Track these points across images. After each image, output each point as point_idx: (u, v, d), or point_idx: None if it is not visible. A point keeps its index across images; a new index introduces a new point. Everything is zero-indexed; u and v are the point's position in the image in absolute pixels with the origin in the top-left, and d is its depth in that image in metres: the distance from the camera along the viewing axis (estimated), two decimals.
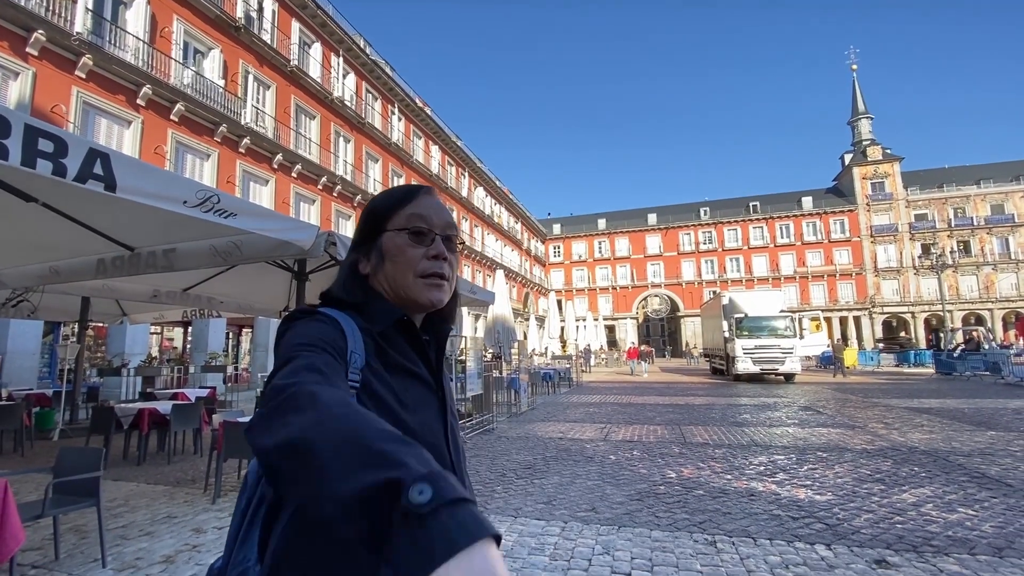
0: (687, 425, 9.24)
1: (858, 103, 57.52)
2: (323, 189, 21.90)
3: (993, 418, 9.38)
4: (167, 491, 5.19)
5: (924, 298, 49.02)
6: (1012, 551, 3.42)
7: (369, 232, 0.89)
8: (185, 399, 8.07)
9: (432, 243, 0.87)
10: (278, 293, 8.13)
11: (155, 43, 15.04)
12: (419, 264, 0.85)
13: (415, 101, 30.64)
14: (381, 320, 0.83)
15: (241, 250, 4.34)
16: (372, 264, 0.88)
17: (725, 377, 21.94)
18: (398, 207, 0.89)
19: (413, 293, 0.85)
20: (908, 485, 5.07)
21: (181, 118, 15.57)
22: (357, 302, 0.84)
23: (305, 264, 6.44)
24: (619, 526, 4.06)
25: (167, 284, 7.12)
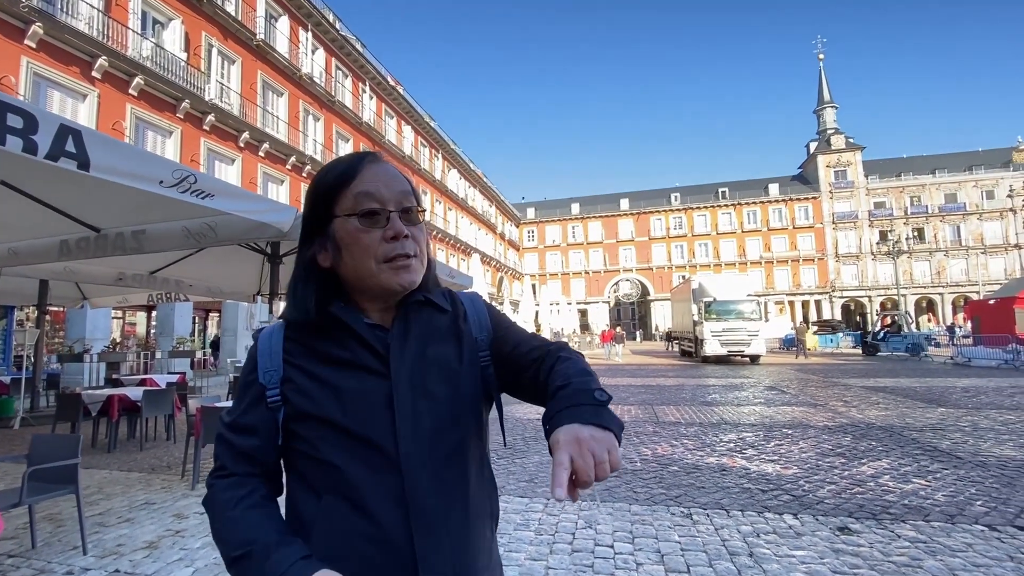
0: (659, 405, 9.53)
1: (824, 92, 59.03)
2: (292, 169, 21.30)
3: (943, 396, 9.98)
4: (142, 478, 5.09)
5: (881, 283, 51.31)
6: (963, 518, 3.70)
7: (318, 219, 0.81)
8: (154, 385, 7.86)
9: (388, 222, 0.78)
10: (250, 276, 7.94)
11: (111, 12, 14.21)
12: (378, 249, 0.78)
13: (387, 80, 29.92)
14: (316, 321, 0.81)
15: (216, 232, 4.21)
16: (332, 256, 0.81)
17: (694, 359, 22.59)
18: (342, 187, 0.79)
19: (380, 281, 0.79)
20: (867, 458, 5.39)
21: (140, 92, 14.83)
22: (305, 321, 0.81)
23: (279, 247, 6.32)
24: (600, 501, 4.20)
25: (133, 267, 6.86)
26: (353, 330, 0.80)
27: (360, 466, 0.74)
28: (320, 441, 0.76)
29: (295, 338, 0.82)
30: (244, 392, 0.82)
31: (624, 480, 4.79)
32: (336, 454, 0.75)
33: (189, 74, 16.36)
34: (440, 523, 0.74)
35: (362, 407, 0.76)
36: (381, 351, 0.79)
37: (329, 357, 0.79)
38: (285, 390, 0.79)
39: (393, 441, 0.75)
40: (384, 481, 0.74)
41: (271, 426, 0.79)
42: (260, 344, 0.83)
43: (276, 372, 0.80)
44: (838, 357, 23.38)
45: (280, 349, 0.81)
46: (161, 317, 16.01)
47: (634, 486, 4.61)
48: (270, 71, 20.46)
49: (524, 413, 8.71)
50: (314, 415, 0.76)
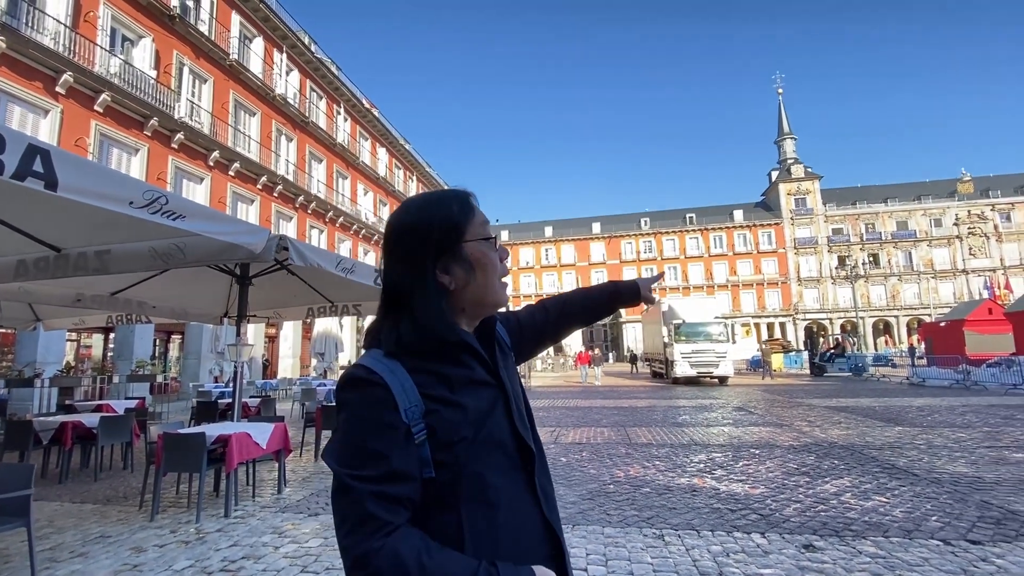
0: (632, 427, 9.61)
1: (783, 124, 61.99)
2: (263, 189, 21.01)
3: (900, 415, 10.38)
4: (97, 510, 4.83)
5: (840, 306, 53.32)
6: (919, 533, 3.85)
7: (447, 245, 0.87)
8: (111, 411, 7.51)
9: (498, 247, 0.93)
10: (217, 297, 7.76)
11: (78, 28, 13.97)
12: (501, 269, 0.92)
13: (362, 102, 30.05)
14: (439, 348, 0.84)
15: (184, 252, 4.14)
16: (460, 278, 0.87)
17: (664, 380, 22.88)
18: (471, 216, 0.90)
19: (499, 297, 0.92)
20: (830, 477, 5.56)
21: (107, 109, 14.50)
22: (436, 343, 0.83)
23: (248, 268, 6.22)
24: (573, 525, 4.21)
25: (93, 287, 6.61)
26: (473, 349, 0.88)
27: (495, 471, 0.82)
28: (461, 459, 0.80)
29: (419, 368, 0.82)
30: (383, 436, 0.77)
31: (597, 503, 4.81)
32: (475, 466, 0.80)
33: (158, 92, 16.11)
34: (554, 502, 0.91)
35: (492, 418, 0.85)
36: (493, 366, 0.90)
37: (460, 379, 0.84)
38: (429, 422, 0.79)
39: (515, 443, 0.86)
40: (516, 478, 0.85)
41: (421, 464, 0.78)
42: (388, 381, 0.79)
43: (418, 407, 0.79)
44: (801, 378, 24.06)
45: (411, 383, 0.80)
46: (120, 339, 15.35)
47: (607, 508, 4.64)
48: (243, 91, 20.32)
49: None
50: (457, 438, 0.80)
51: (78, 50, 13.76)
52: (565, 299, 1.25)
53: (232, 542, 3.92)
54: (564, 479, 5.74)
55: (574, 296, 1.27)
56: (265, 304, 7.74)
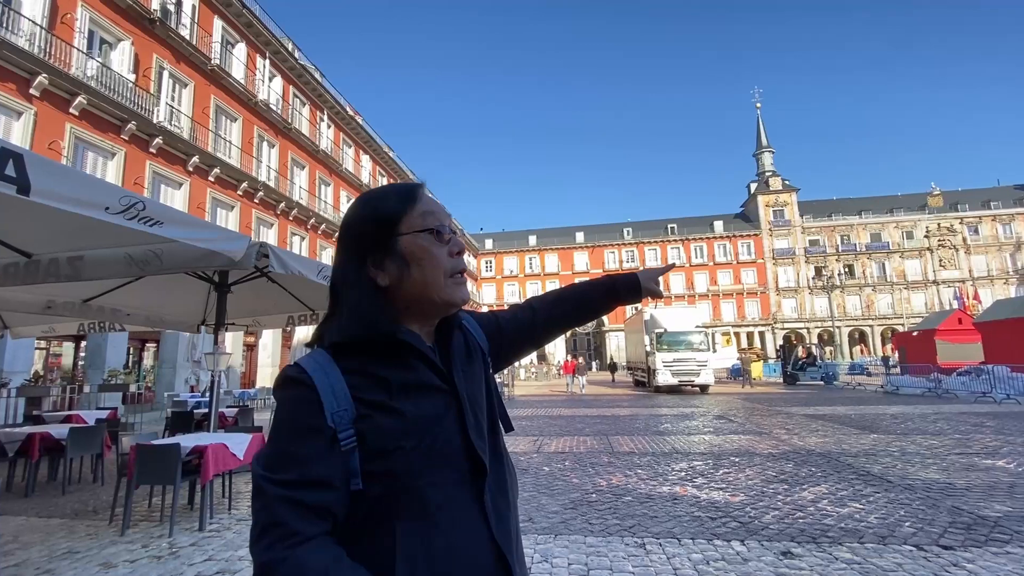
0: (614, 435, 9.65)
1: (762, 137, 63.46)
2: (243, 195, 20.74)
3: (875, 423, 10.60)
4: (65, 524, 4.66)
5: (817, 315, 54.42)
6: (893, 539, 3.93)
7: (380, 239, 0.82)
8: (81, 421, 7.29)
9: (450, 240, 0.84)
10: (195, 305, 7.61)
11: (55, 29, 13.69)
12: (447, 263, 0.83)
13: (346, 109, 29.93)
14: (378, 347, 0.79)
15: (161, 259, 4.07)
16: (393, 274, 0.82)
17: (647, 389, 23.04)
18: (407, 207, 0.84)
19: (447, 294, 0.83)
20: (807, 484, 5.64)
21: (82, 112, 14.21)
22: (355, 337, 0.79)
23: (227, 275, 6.12)
24: (555, 534, 4.20)
25: (65, 294, 6.44)
26: (419, 351, 0.81)
27: (438, 485, 0.75)
28: (398, 471, 0.73)
29: (355, 370, 0.77)
30: (304, 440, 0.72)
31: (580, 512, 4.81)
32: (415, 480, 0.74)
33: (137, 95, 15.84)
34: (508, 520, 0.81)
35: (437, 427, 0.78)
36: (443, 370, 0.83)
37: (401, 384, 0.78)
38: (360, 428, 0.74)
39: (465, 454, 0.78)
40: (461, 494, 0.77)
41: (346, 472, 0.73)
42: (317, 382, 0.74)
43: (347, 411, 0.74)
44: (779, 387, 24.44)
45: (344, 385, 0.75)
46: (91, 348, 14.92)
47: (589, 517, 4.64)
48: (224, 96, 20.10)
49: None
50: (394, 447, 0.74)
51: (54, 52, 13.48)
52: (556, 297, 1.13)
53: (207, 556, 3.82)
54: (547, 488, 5.73)
55: (567, 293, 1.14)
56: (244, 312, 7.61)
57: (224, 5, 20.32)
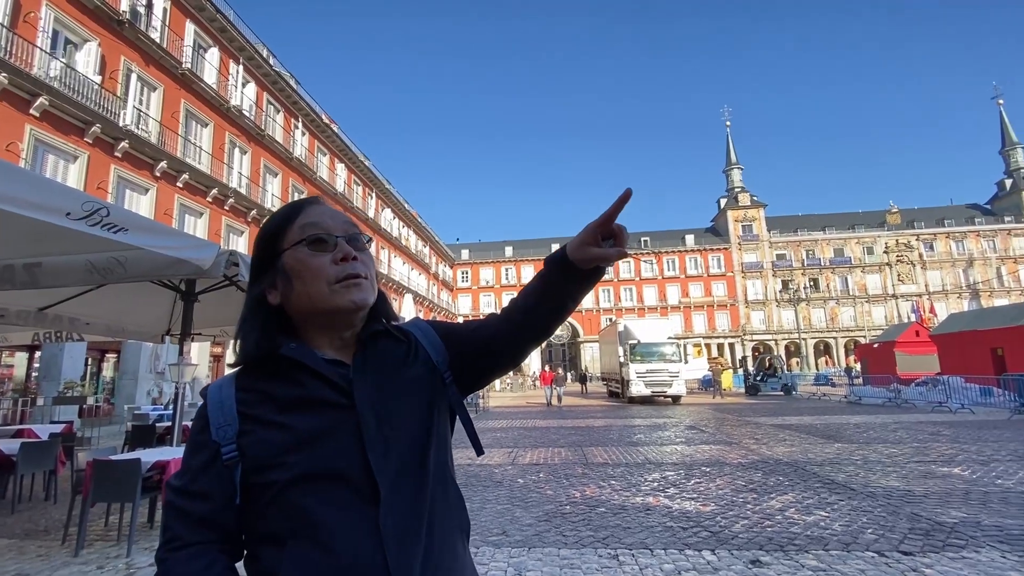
0: (588, 446, 9.68)
1: (731, 154, 65.38)
2: (213, 202, 20.26)
3: (839, 432, 10.92)
4: (14, 545, 4.41)
5: (785, 327, 55.98)
6: (856, 545, 4.04)
7: (266, 259, 0.84)
8: (33, 436, 6.93)
9: (335, 246, 0.82)
10: (158, 314, 7.37)
11: (16, 27, 13.22)
12: (329, 271, 0.80)
13: (321, 117, 29.64)
14: (268, 364, 0.81)
15: (125, 267, 3.94)
16: (281, 291, 0.83)
17: (620, 400, 23.22)
18: (287, 223, 0.84)
19: (334, 302, 0.80)
20: (775, 493, 5.77)
21: (44, 113, 13.71)
22: (249, 357, 0.82)
23: (195, 284, 5.95)
24: (529, 547, 4.18)
25: (19, 302, 6.14)
26: (308, 367, 0.79)
27: (328, 505, 0.72)
28: (285, 488, 0.72)
29: (248, 387, 0.80)
30: (194, 453, 0.78)
31: (554, 524, 4.80)
32: (302, 498, 0.72)
33: (103, 98, 15.37)
34: (414, 547, 0.74)
35: (328, 443, 0.75)
36: (341, 384, 0.79)
37: (287, 399, 0.77)
38: (242, 443, 0.75)
39: (364, 473, 0.74)
40: (354, 515, 0.72)
41: (228, 486, 0.75)
42: (210, 399, 0.80)
43: (231, 426, 0.76)
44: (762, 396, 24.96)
45: (232, 401, 0.78)
46: (46, 359, 14.24)
47: (563, 529, 4.63)
48: (195, 101, 19.68)
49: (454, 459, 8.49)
50: (276, 463, 0.73)
51: (15, 51, 13.00)
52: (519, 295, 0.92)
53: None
54: (521, 501, 5.70)
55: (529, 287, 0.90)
56: (212, 322, 7.40)
57: (197, 9, 19.98)
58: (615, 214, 0.81)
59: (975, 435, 9.93)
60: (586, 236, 0.81)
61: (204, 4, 20.06)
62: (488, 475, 7.21)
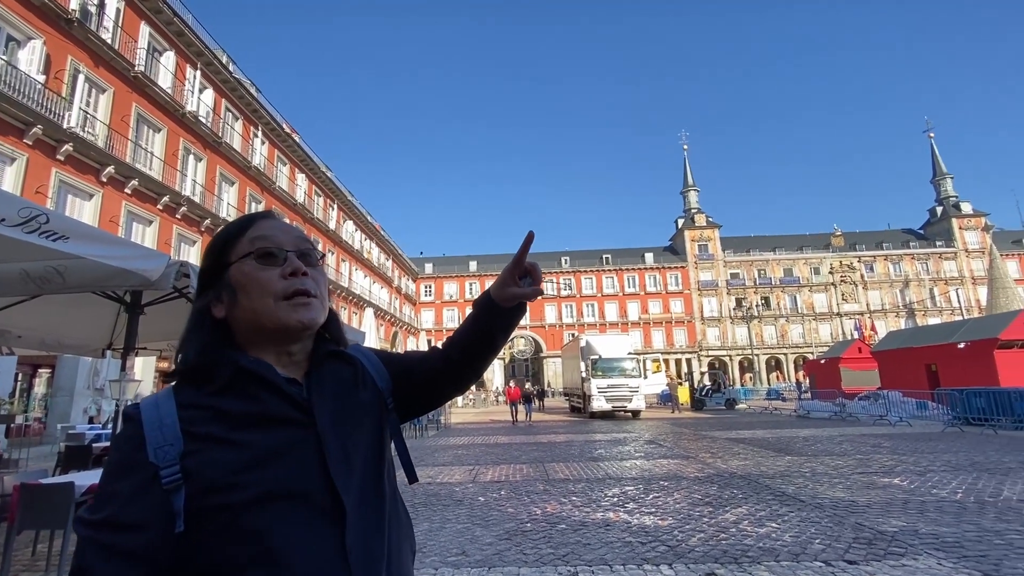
0: (550, 462, 9.68)
1: (688, 177, 67.89)
2: (164, 210, 19.42)
3: (789, 445, 11.33)
4: None
5: (739, 343, 57.98)
6: (805, 556, 4.19)
7: (213, 272, 0.82)
8: None
9: (285, 261, 0.80)
10: (101, 327, 6.95)
11: None
12: (276, 285, 0.78)
13: (282, 126, 29.04)
14: (219, 377, 0.76)
15: (64, 277, 3.72)
16: (226, 304, 0.80)
17: (582, 415, 23.37)
18: (236, 236, 0.82)
19: (280, 319, 0.78)
20: (730, 506, 5.92)
21: None
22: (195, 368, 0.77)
23: (141, 296, 5.67)
24: (489, 567, 4.13)
25: None
26: (268, 381, 0.76)
27: (289, 527, 0.69)
28: (240, 511, 0.67)
29: (193, 403, 0.74)
30: (122, 477, 0.69)
31: (515, 543, 4.76)
32: (259, 521, 0.67)
33: (46, 98, 14.57)
34: (378, 566, 0.74)
35: (288, 462, 0.72)
36: (300, 401, 0.77)
37: (242, 415, 0.73)
38: (187, 465, 0.69)
39: (326, 492, 0.72)
40: (317, 536, 0.70)
41: (167, 513, 0.67)
42: (144, 417, 0.72)
43: (173, 446, 0.69)
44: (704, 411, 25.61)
45: (174, 419, 0.71)
46: None
47: (524, 548, 4.60)
48: (147, 105, 18.92)
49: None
50: (231, 483, 0.68)
51: None
52: (455, 333, 0.99)
53: None
54: (481, 519, 5.64)
55: (460, 327, 0.99)
56: (158, 335, 7.02)
57: (153, 11, 19.33)
58: (523, 256, 0.95)
59: (913, 447, 10.50)
60: (505, 278, 0.94)
61: (160, 7, 19.43)
62: (448, 493, 7.10)
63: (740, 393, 29.27)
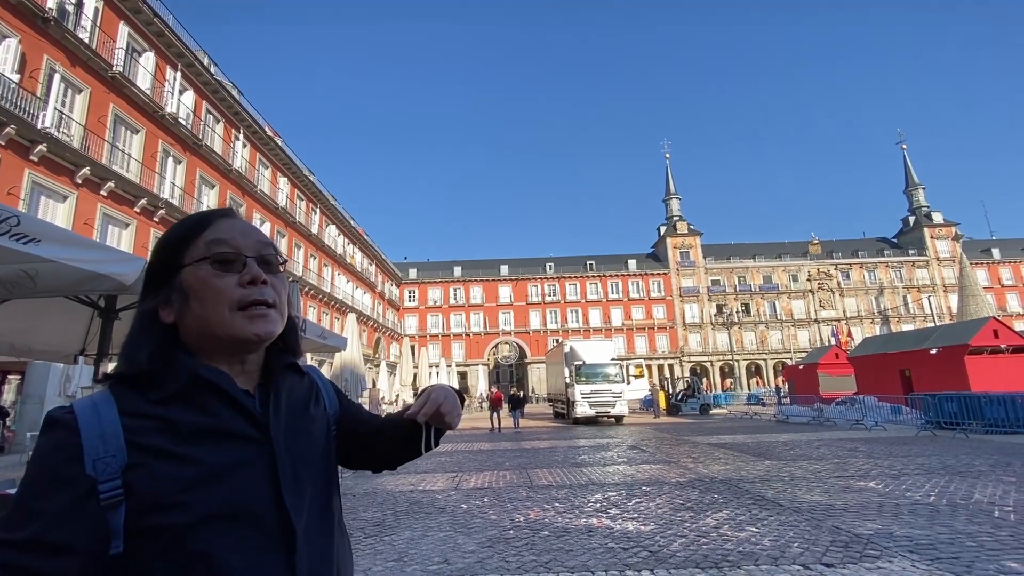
0: (534, 469, 9.67)
1: (670, 185, 68.77)
2: (141, 212, 19.04)
3: (769, 450, 11.49)
4: None
5: (719, 349, 58.75)
6: (784, 559, 4.24)
7: (163, 272, 0.75)
8: None
9: (244, 267, 0.75)
10: (73, 332, 6.76)
11: None
12: (232, 294, 0.73)
13: (264, 129, 28.71)
14: (169, 385, 0.70)
15: (35, 281, 3.61)
16: (176, 309, 0.74)
17: (566, 421, 23.39)
18: (192, 236, 0.76)
19: (233, 330, 0.73)
20: (710, 510, 5.97)
21: None
22: (140, 373, 0.71)
23: (115, 300, 5.55)
24: (471, 575, 4.10)
25: None
26: (225, 393, 0.72)
27: (234, 551, 0.65)
28: (184, 533, 0.63)
29: (137, 412, 0.68)
30: (50, 492, 0.61)
31: (497, 550, 4.74)
32: (203, 543, 0.63)
33: (19, 97, 14.21)
34: None
35: (238, 480, 0.68)
36: (256, 415, 0.74)
37: (191, 428, 0.68)
38: (129, 479, 0.63)
39: (276, 514, 0.69)
40: (266, 560, 0.67)
41: (100, 533, 0.61)
42: (83, 423, 0.64)
43: (116, 458, 0.63)
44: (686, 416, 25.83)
45: (118, 428, 0.65)
46: None
47: (506, 555, 4.58)
48: (126, 106, 18.56)
49: (396, 485, 8.25)
50: (174, 502, 0.63)
51: None
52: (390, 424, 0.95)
53: None
54: (464, 527, 5.60)
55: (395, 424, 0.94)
56: None
57: (132, 11, 19.01)
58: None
59: (888, 451, 10.72)
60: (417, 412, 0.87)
61: (140, 7, 19.13)
62: (431, 501, 7.04)
63: (711, 398, 29.86)
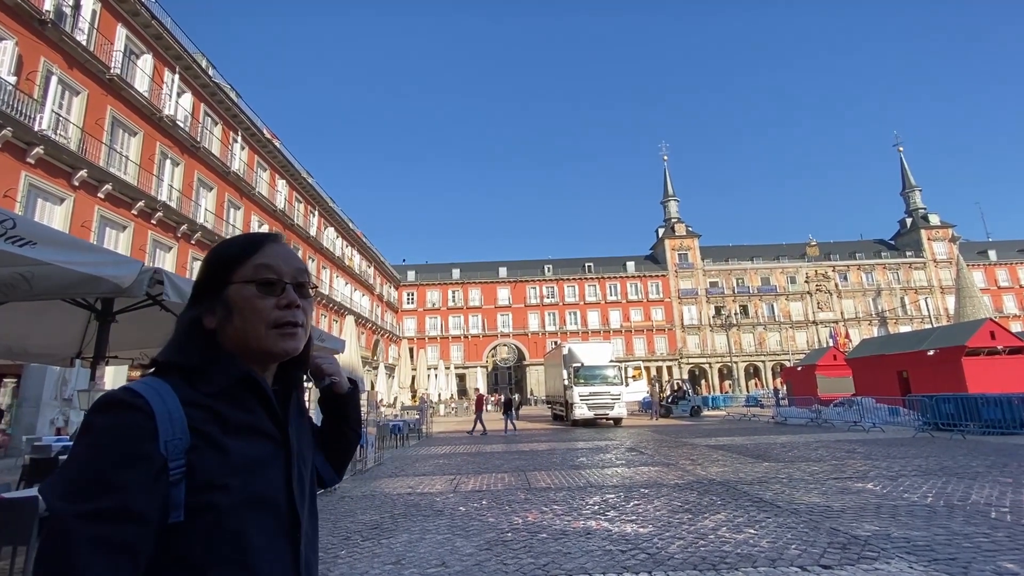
0: (532, 471, 9.66)
1: (668, 187, 68.90)
2: (139, 215, 18.99)
3: (767, 451, 11.49)
4: None
5: (718, 351, 58.79)
6: (782, 561, 4.24)
7: (212, 284, 0.86)
8: None
9: (283, 292, 0.86)
10: (69, 335, 6.75)
11: None
12: (271, 315, 0.84)
13: (262, 132, 28.69)
14: (219, 381, 0.80)
15: (31, 284, 3.62)
16: (219, 318, 0.84)
17: (564, 423, 23.37)
18: (243, 258, 0.86)
19: (266, 345, 0.84)
20: (708, 512, 5.97)
21: None
22: (193, 366, 0.80)
23: (112, 303, 5.53)
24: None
25: None
26: (265, 395, 0.84)
27: (259, 533, 0.75)
28: (225, 512, 0.72)
29: (193, 401, 0.76)
30: (129, 466, 0.67)
31: (495, 553, 4.73)
32: (239, 523, 0.73)
33: (16, 100, 14.18)
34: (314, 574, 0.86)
35: (267, 473, 0.79)
36: (280, 417, 0.85)
37: (234, 422, 0.79)
38: (192, 460, 0.72)
39: (288, 505, 0.81)
40: (278, 544, 0.78)
41: (165, 506, 0.69)
42: (154, 407, 0.71)
43: (181, 440, 0.71)
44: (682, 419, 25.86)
45: (182, 415, 0.73)
46: None
47: (504, 558, 4.57)
48: (123, 108, 18.54)
49: (394, 488, 8.23)
50: (220, 484, 0.73)
51: None
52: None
53: None
54: (462, 529, 5.59)
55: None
56: (131, 343, 6.85)
57: (130, 14, 19.00)
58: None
59: (885, 452, 10.73)
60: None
61: (138, 9, 19.11)
62: (429, 504, 7.02)
63: (702, 400, 30.45)
